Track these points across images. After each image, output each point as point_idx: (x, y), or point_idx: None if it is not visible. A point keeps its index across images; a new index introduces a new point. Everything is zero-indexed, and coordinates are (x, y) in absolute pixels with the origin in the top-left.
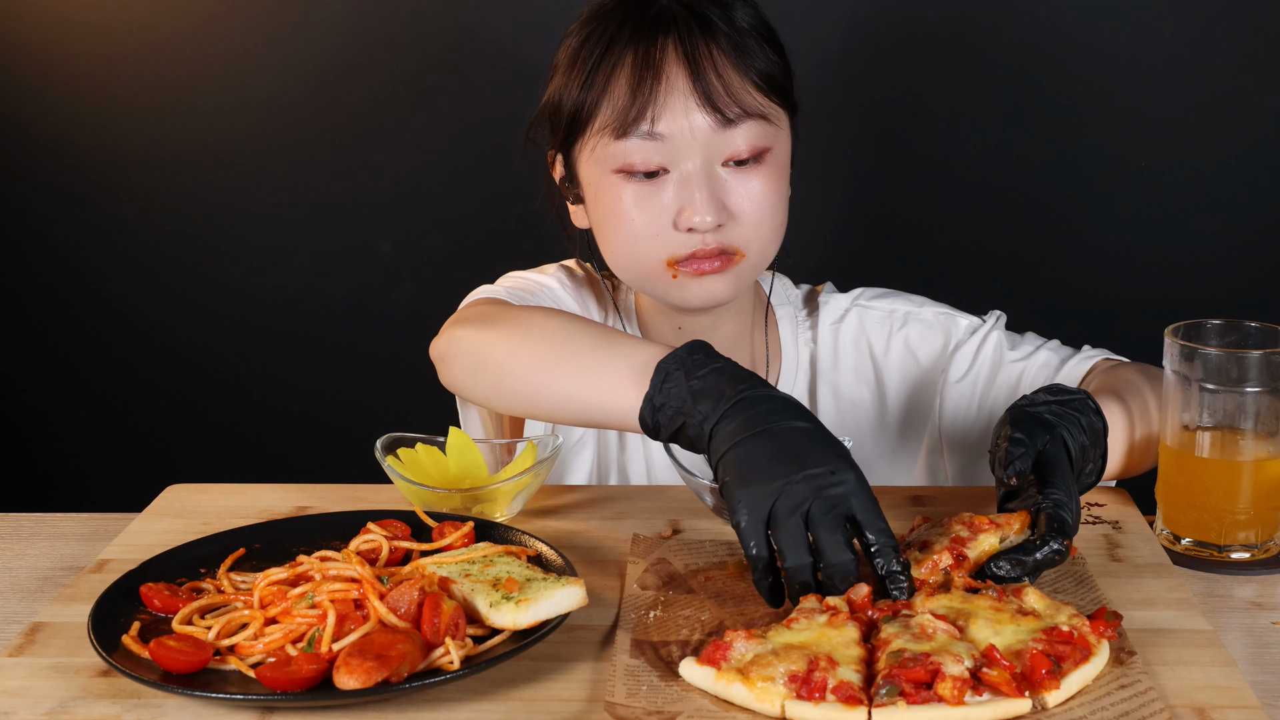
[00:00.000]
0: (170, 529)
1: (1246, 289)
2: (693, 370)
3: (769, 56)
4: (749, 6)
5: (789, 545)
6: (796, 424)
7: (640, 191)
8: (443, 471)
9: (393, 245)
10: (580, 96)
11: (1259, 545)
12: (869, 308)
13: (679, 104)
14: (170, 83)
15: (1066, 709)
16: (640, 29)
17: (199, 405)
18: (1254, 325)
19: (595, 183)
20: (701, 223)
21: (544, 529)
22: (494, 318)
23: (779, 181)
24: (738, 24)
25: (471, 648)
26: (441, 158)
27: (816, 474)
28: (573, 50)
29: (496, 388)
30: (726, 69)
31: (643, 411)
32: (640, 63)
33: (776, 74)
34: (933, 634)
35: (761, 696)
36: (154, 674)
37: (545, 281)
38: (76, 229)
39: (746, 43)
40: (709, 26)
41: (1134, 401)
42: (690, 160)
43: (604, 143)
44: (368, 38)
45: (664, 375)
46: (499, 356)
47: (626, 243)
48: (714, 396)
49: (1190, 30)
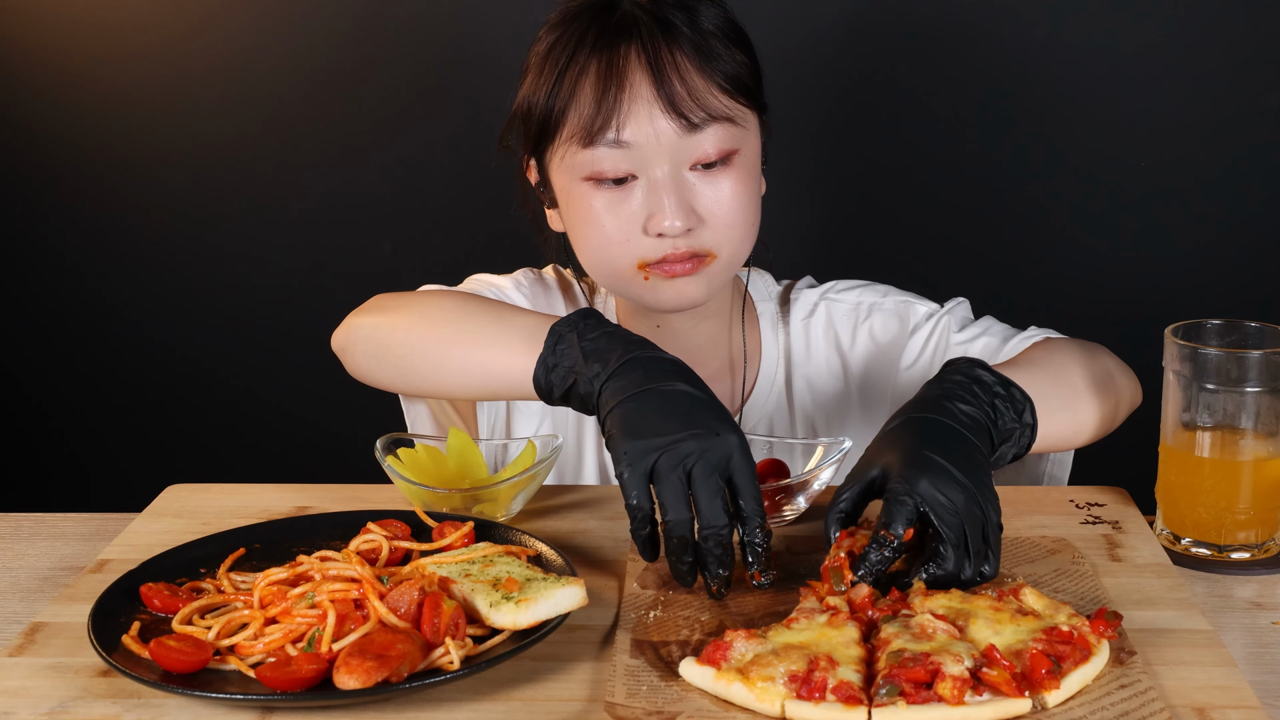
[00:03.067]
0: (170, 529)
1: (1246, 289)
2: (584, 333)
3: (735, 58)
4: (715, 7)
5: (670, 500)
6: (684, 387)
7: (610, 198)
8: (442, 471)
9: (393, 245)
10: (548, 104)
11: (1259, 545)
12: (836, 300)
13: (643, 111)
14: (170, 83)
15: (1066, 709)
16: (603, 35)
17: (199, 405)
18: (1254, 325)
19: (566, 189)
20: (671, 228)
21: (544, 529)
22: (390, 305)
23: (748, 182)
24: (702, 26)
25: (471, 648)
26: (442, 158)
27: (701, 434)
28: (540, 56)
29: (400, 369)
30: (690, 73)
31: (536, 373)
32: (604, 71)
33: (743, 75)
34: (933, 634)
35: (761, 696)
36: (154, 674)
37: (499, 283)
38: (77, 229)
39: (711, 45)
40: (672, 31)
41: (1046, 371)
42: (658, 166)
43: (572, 151)
44: (368, 37)
45: (557, 337)
46: (398, 340)
47: (599, 248)
48: (604, 357)
49: (1190, 30)
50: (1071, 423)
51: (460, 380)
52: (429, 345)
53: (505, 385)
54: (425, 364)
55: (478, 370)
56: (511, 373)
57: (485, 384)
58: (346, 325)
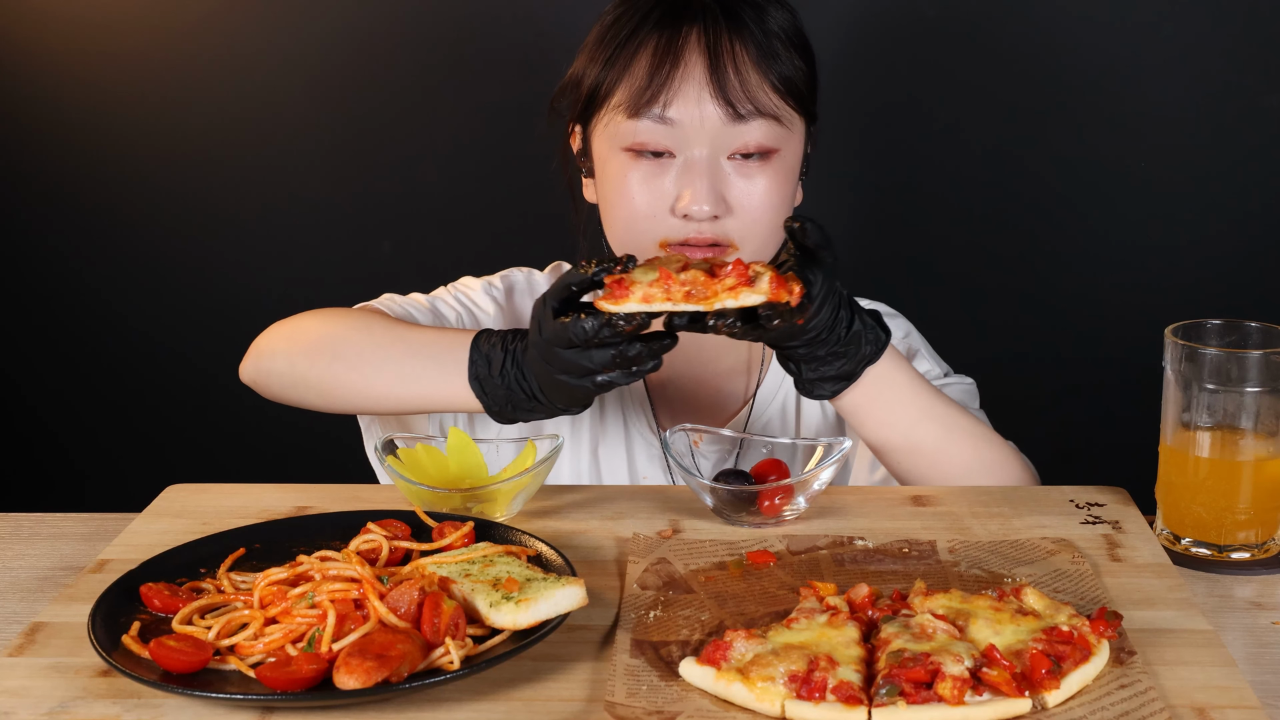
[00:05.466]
0: (170, 529)
1: (1246, 289)
2: (501, 343)
3: (794, 62)
4: (784, 11)
5: (589, 356)
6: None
7: (646, 171)
8: (443, 471)
9: (393, 245)
10: (601, 74)
11: (1259, 545)
12: None
13: (693, 92)
14: (170, 83)
15: (1066, 709)
16: (669, 14)
17: (199, 405)
18: (1254, 325)
19: (605, 158)
20: (699, 211)
21: (544, 529)
22: (300, 336)
23: (783, 184)
24: (768, 26)
25: (471, 648)
26: (443, 158)
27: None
28: (604, 26)
29: (323, 400)
30: (746, 66)
31: (475, 391)
32: (662, 47)
33: (798, 80)
34: (933, 634)
35: (761, 696)
36: (154, 674)
37: (470, 291)
38: (76, 229)
39: (773, 45)
40: (737, 22)
41: (942, 395)
42: (697, 148)
43: (617, 120)
44: (369, 37)
45: (481, 353)
46: (316, 375)
47: (627, 220)
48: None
49: (1190, 30)
50: (938, 434)
51: (395, 407)
52: (358, 380)
53: (445, 407)
54: (355, 396)
55: (412, 401)
56: (451, 397)
57: (421, 407)
58: (253, 364)
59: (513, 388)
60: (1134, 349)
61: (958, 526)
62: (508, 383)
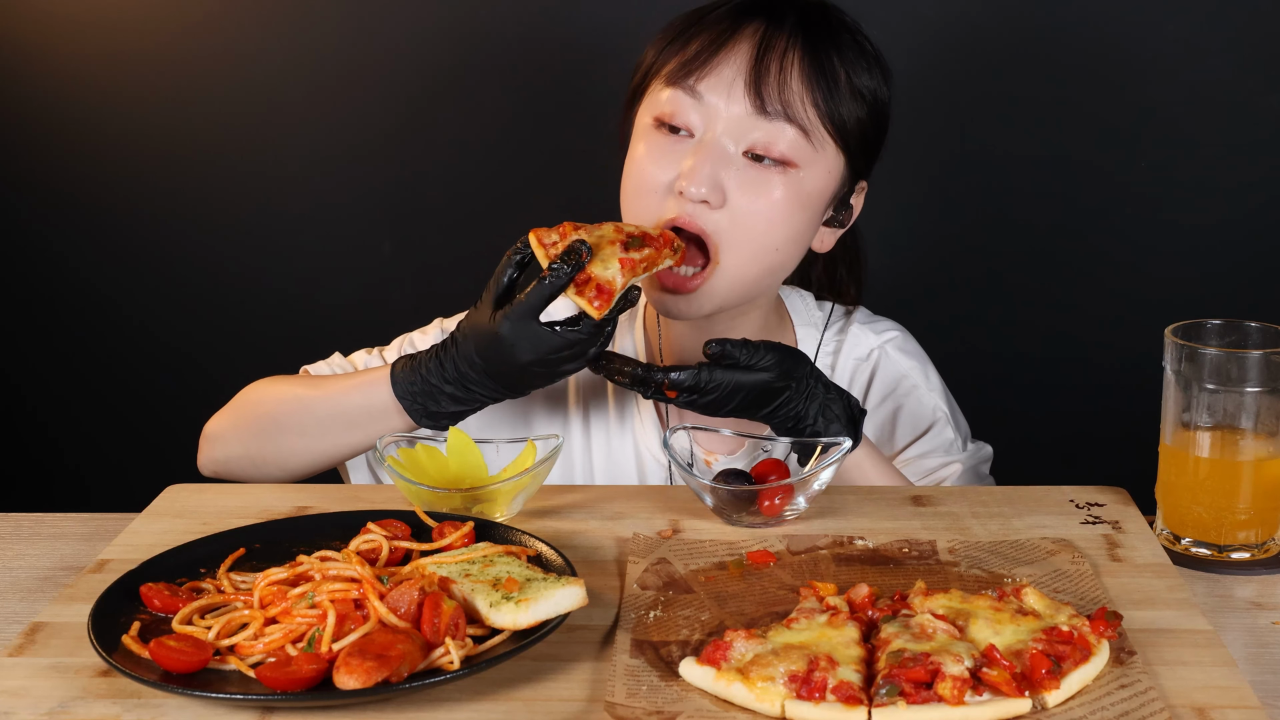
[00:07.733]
0: (170, 529)
1: (1246, 289)
2: (421, 363)
3: (850, 104)
4: (872, 73)
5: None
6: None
7: (662, 145)
8: (443, 471)
9: (393, 246)
10: (661, 51)
11: (1259, 545)
12: (890, 357)
13: (728, 74)
14: (170, 83)
15: (1066, 709)
16: (744, 9)
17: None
18: (1254, 325)
19: (636, 127)
20: (693, 191)
21: (544, 529)
22: (244, 416)
23: (790, 204)
24: (843, 58)
25: (471, 648)
26: (443, 159)
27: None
28: (685, 15)
29: (284, 472)
30: (792, 72)
31: (402, 404)
32: (719, 32)
33: (848, 119)
34: (933, 634)
35: (761, 696)
36: (154, 674)
37: (395, 348)
38: (76, 229)
39: (835, 76)
40: (809, 38)
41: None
42: (715, 131)
43: (657, 87)
44: (369, 38)
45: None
46: (273, 450)
47: (634, 192)
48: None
49: (1190, 30)
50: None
51: (349, 453)
52: (306, 443)
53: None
54: (306, 461)
55: (360, 446)
56: (388, 423)
57: (369, 442)
58: (208, 458)
59: (431, 380)
60: (1134, 349)
61: (958, 526)
62: (425, 375)
